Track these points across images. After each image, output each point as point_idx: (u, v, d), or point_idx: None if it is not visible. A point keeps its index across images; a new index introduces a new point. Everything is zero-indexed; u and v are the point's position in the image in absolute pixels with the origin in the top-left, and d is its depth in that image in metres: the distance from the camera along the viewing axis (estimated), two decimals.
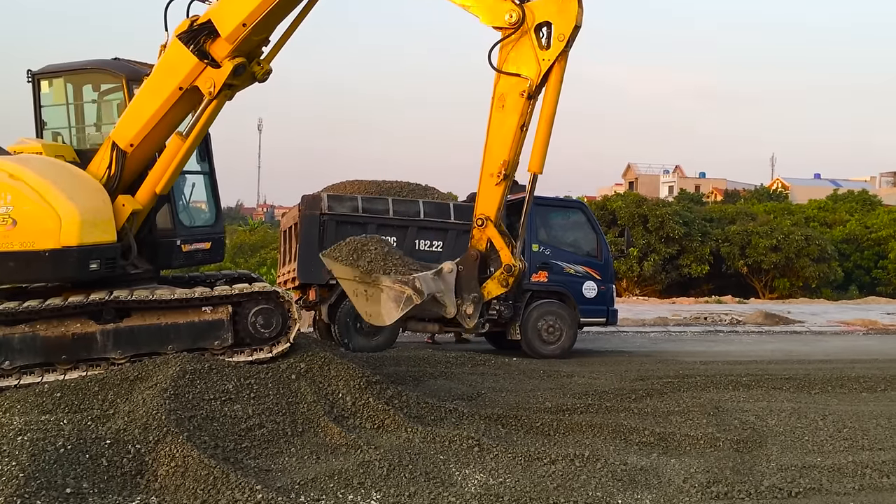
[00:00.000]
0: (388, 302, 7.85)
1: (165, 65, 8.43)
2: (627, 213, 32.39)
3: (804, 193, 58.17)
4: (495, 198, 7.75)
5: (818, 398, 9.99)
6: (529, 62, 7.24)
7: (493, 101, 7.46)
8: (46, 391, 7.53)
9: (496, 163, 7.54)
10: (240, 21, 8.05)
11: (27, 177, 8.25)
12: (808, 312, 24.43)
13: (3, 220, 8.12)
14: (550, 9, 7.16)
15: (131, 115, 8.66)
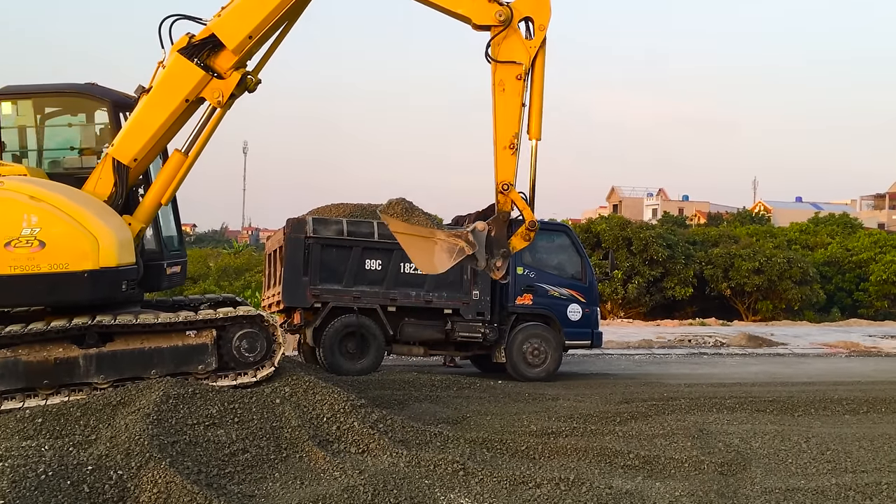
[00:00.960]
0: (441, 253, 9.22)
1: (169, 79, 8.67)
2: (612, 235, 32.55)
3: (786, 216, 58.72)
4: (512, 166, 9.12)
5: (802, 421, 10.03)
6: (520, 51, 8.71)
7: (494, 87, 8.82)
8: (28, 417, 7.45)
9: (508, 136, 8.90)
10: (246, 34, 8.66)
11: (53, 199, 8.25)
12: (791, 335, 24.58)
13: (28, 241, 8.06)
14: (529, 5, 8.70)
15: (135, 130, 8.72)
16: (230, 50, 8.70)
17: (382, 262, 12.87)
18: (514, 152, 8.97)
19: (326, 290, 12.66)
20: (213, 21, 8.74)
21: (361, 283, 12.80)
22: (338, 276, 12.72)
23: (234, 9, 8.70)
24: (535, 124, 8.95)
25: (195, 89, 8.73)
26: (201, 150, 9.05)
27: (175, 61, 8.69)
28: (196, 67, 8.70)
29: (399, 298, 12.95)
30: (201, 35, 8.71)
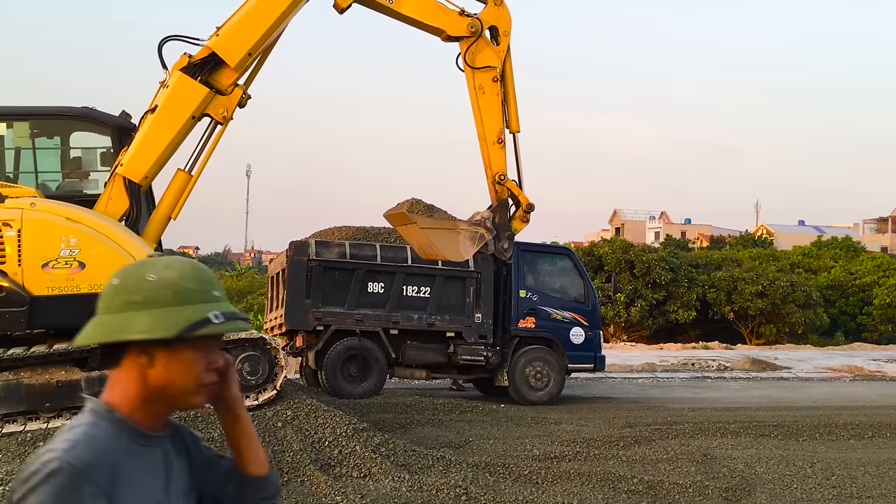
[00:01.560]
0: (465, 241, 10.22)
1: (175, 97, 8.85)
2: (614, 258, 32.52)
3: (788, 240, 58.67)
4: (502, 158, 10.24)
5: (806, 445, 9.97)
6: (492, 56, 9.89)
7: (474, 92, 9.97)
8: (29, 440, 7.44)
9: (495, 132, 10.07)
10: (246, 51, 9.02)
11: (89, 220, 8.36)
12: (795, 358, 24.48)
13: (66, 262, 8.13)
14: (494, 15, 9.90)
15: (144, 149, 8.82)
16: (231, 67, 8.98)
17: (385, 284, 12.86)
18: (502, 146, 10.11)
19: (329, 312, 12.64)
20: (211, 40, 8.98)
21: (364, 306, 12.79)
22: (340, 298, 12.71)
23: (233, 27, 8.97)
24: (514, 118, 10.14)
25: (200, 106, 8.94)
26: (204, 167, 9.22)
27: (179, 80, 8.87)
28: (200, 85, 8.92)
29: (401, 321, 12.94)
30: (201, 54, 8.96)
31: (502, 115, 10.12)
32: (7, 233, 8.10)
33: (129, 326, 1.60)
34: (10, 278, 8.08)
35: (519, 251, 13.97)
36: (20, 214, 8.15)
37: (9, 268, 8.10)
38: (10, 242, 8.10)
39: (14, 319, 8.14)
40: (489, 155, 10.15)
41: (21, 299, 8.06)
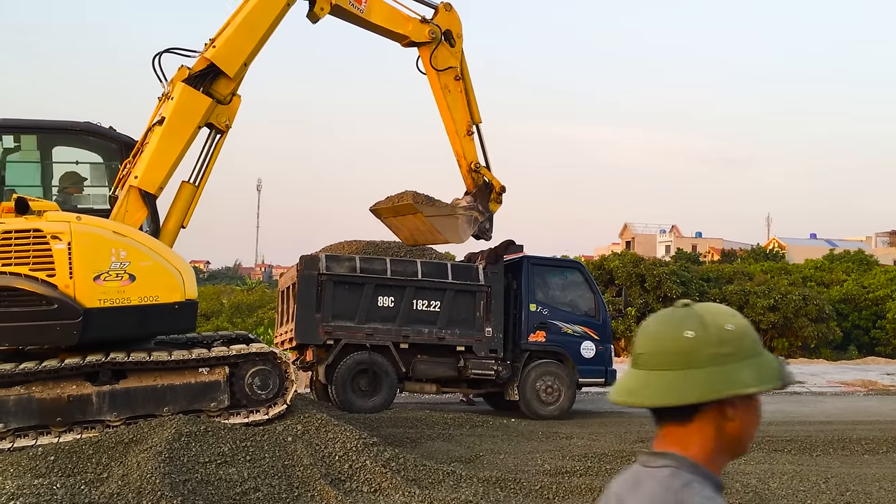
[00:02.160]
0: (463, 224, 11.56)
1: (181, 109, 9.15)
2: (625, 272, 32.44)
3: (800, 253, 58.36)
4: (474, 148, 11.69)
5: (820, 461, 9.88)
6: (451, 58, 11.22)
7: (440, 92, 11.29)
8: (40, 454, 7.45)
9: (465, 125, 11.55)
10: (243, 60, 9.48)
11: (134, 234, 8.64)
12: (808, 373, 24.29)
13: (117, 275, 8.30)
14: (448, 20, 11.21)
15: (157, 160, 9.03)
16: (230, 77, 9.37)
17: (395, 298, 12.85)
18: (472, 137, 11.56)
19: (339, 327, 12.64)
20: (208, 51, 9.31)
21: (374, 320, 12.78)
22: (350, 313, 12.70)
23: (229, 38, 9.35)
24: (476, 110, 11.63)
25: (205, 116, 9.30)
26: (209, 176, 9.55)
27: (183, 91, 9.17)
28: (203, 96, 9.28)
29: (411, 335, 12.92)
30: (200, 65, 9.31)
31: (467, 109, 11.51)
32: (56, 245, 8.21)
33: (734, 380, 1.55)
34: (60, 291, 8.18)
35: (529, 265, 13.96)
36: (68, 227, 8.29)
37: (59, 280, 8.21)
38: (59, 255, 8.21)
39: (66, 332, 8.24)
40: (462, 147, 11.60)
41: (74, 312, 8.20)
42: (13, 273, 8.16)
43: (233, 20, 9.59)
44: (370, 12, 10.54)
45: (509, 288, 13.75)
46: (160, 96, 9.51)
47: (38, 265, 8.22)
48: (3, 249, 8.18)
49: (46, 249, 8.23)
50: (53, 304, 8.17)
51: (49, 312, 8.17)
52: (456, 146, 11.81)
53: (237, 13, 9.63)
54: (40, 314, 8.18)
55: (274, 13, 9.64)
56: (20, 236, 8.22)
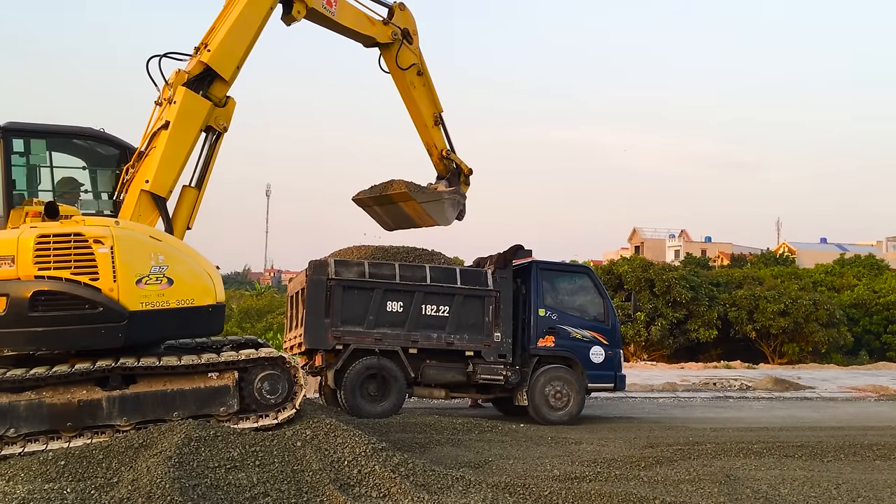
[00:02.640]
0: (448, 208, 12.73)
1: (184, 112, 9.34)
2: (634, 277, 32.40)
3: (811, 258, 58.16)
4: (442, 137, 12.78)
5: (831, 466, 9.83)
6: (412, 56, 12.09)
7: (407, 89, 12.21)
8: (51, 459, 7.46)
9: (432, 116, 12.58)
10: (237, 63, 9.79)
11: (168, 238, 8.86)
12: (819, 378, 24.20)
13: (157, 279, 8.44)
14: (404, 20, 12.00)
15: (167, 164, 9.20)
16: (226, 80, 9.68)
17: (404, 303, 12.87)
18: (439, 127, 12.62)
19: (348, 332, 12.66)
20: (203, 55, 9.54)
21: (383, 325, 12.80)
22: (359, 318, 12.72)
23: (222, 42, 9.60)
24: (437, 100, 12.55)
25: (206, 119, 9.55)
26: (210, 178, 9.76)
27: (186, 95, 9.37)
28: (204, 99, 9.52)
29: (420, 340, 12.93)
30: (196, 69, 9.51)
31: (432, 100, 12.44)
32: (99, 249, 8.28)
33: None
34: (105, 294, 8.27)
35: (538, 270, 13.96)
36: (109, 231, 8.38)
37: (103, 284, 8.28)
38: (102, 259, 8.27)
39: (111, 335, 8.35)
40: (431, 136, 12.66)
41: (119, 315, 8.31)
42: (52, 277, 8.21)
43: (221, 23, 9.82)
44: (340, 15, 11.14)
45: (518, 293, 13.74)
46: (157, 100, 9.63)
47: (80, 269, 8.27)
48: (41, 254, 8.22)
49: (89, 253, 8.29)
50: (98, 308, 8.25)
51: (94, 316, 8.24)
52: (426, 137, 12.82)
53: (225, 16, 9.87)
54: (85, 318, 8.24)
55: (261, 15, 9.99)
56: (60, 240, 8.26)
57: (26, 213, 8.48)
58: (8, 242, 8.24)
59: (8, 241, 8.26)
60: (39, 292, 8.15)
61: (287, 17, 10.60)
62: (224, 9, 9.98)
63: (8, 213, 8.76)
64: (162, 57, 9.56)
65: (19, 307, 8.10)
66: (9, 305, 8.11)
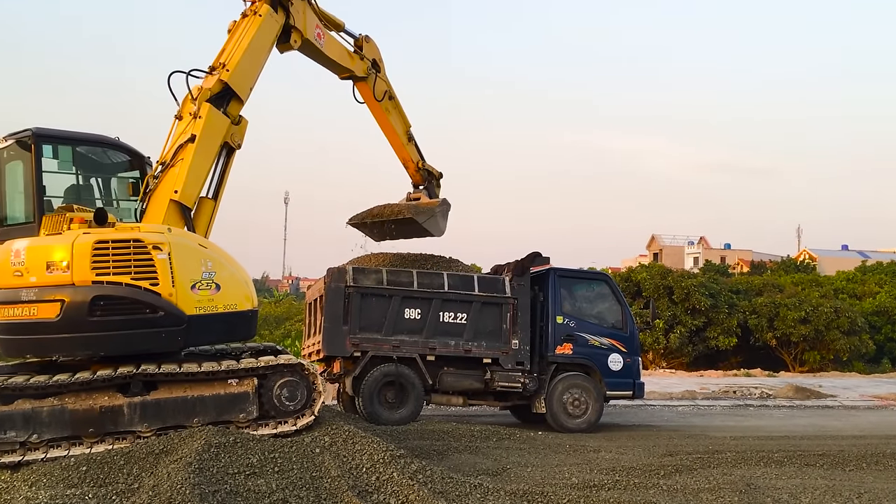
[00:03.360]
0: (440, 219, 13.72)
1: (209, 128, 9.71)
2: (652, 284, 32.21)
3: (832, 265, 57.62)
4: (416, 151, 13.86)
5: (853, 475, 9.73)
6: (383, 84, 13.06)
7: (382, 115, 13.17)
8: (73, 465, 7.55)
9: (405, 133, 13.64)
10: (252, 84, 10.30)
11: (213, 246, 9.17)
12: (840, 386, 23.95)
13: (208, 284, 8.78)
14: (370, 51, 12.85)
15: (193, 176, 9.50)
16: (241, 99, 10.15)
17: (421, 311, 12.89)
18: (412, 141, 13.68)
19: (366, 339, 12.70)
20: (222, 73, 9.96)
21: (401, 333, 12.83)
22: (377, 325, 12.76)
23: (240, 63, 10.07)
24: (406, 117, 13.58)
25: (225, 136, 9.92)
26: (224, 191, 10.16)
27: (210, 112, 9.73)
28: (224, 116, 9.91)
29: (438, 347, 12.94)
30: (216, 87, 9.88)
31: (402, 118, 13.44)
32: (158, 255, 8.53)
33: None
34: (164, 299, 8.53)
35: (556, 277, 13.95)
36: (166, 238, 8.63)
37: (163, 289, 8.55)
38: (161, 265, 8.53)
39: (171, 339, 8.65)
40: (407, 152, 13.67)
41: (179, 319, 8.60)
42: (112, 282, 8.38)
43: (234, 44, 10.29)
44: (327, 47, 11.93)
45: (536, 300, 13.73)
46: (176, 114, 9.94)
47: (140, 274, 8.48)
48: (99, 259, 8.37)
49: (149, 259, 8.51)
50: (159, 312, 8.50)
51: (155, 320, 8.49)
52: (402, 153, 13.80)
53: (238, 37, 10.34)
54: (146, 322, 8.48)
55: (271, 40, 10.65)
56: (119, 246, 8.43)
57: (70, 220, 8.58)
58: (61, 248, 8.36)
59: (61, 246, 8.37)
60: (99, 297, 8.32)
61: (283, 45, 11.21)
62: (232, 34, 10.49)
63: (40, 219, 8.87)
64: (188, 74, 9.88)
65: (76, 312, 8.25)
66: (64, 311, 8.25)
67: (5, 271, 8.70)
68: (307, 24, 11.37)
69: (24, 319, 8.46)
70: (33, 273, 8.41)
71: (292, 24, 11.02)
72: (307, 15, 11.40)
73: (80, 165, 9.61)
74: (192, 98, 9.84)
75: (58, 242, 8.41)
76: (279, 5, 10.80)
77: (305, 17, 11.32)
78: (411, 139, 13.78)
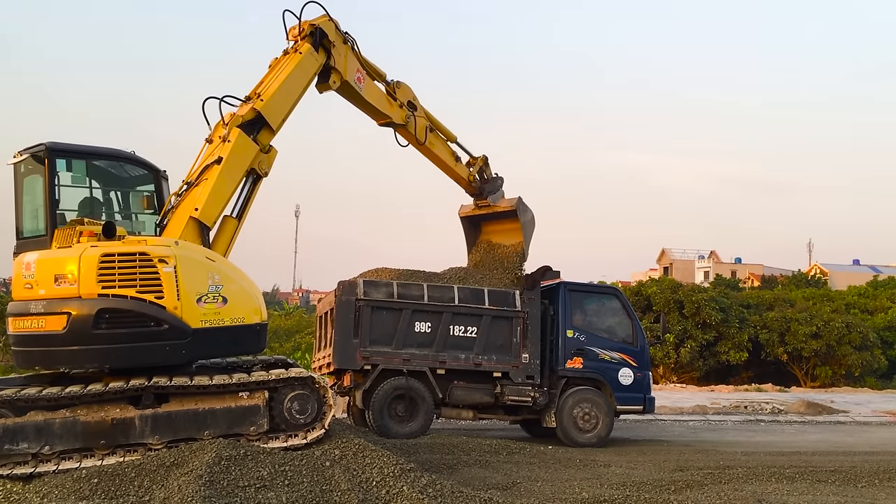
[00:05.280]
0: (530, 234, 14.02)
1: (236, 152, 9.85)
2: (663, 298, 32.11)
3: (843, 279, 57.38)
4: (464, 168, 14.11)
5: (865, 492, 9.66)
6: (423, 121, 13.15)
7: (427, 151, 13.42)
8: (84, 477, 7.59)
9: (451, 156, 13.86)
10: (283, 117, 10.44)
11: (221, 259, 9.27)
12: (852, 402, 23.80)
13: (214, 297, 8.83)
14: (404, 95, 12.92)
15: (216, 196, 9.61)
16: (273, 129, 10.29)
17: (432, 324, 12.90)
18: (459, 161, 13.89)
19: (376, 352, 12.71)
20: (256, 103, 10.16)
21: (411, 346, 12.84)
22: (388, 338, 12.78)
23: (276, 95, 10.30)
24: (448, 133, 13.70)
25: (252, 162, 10.03)
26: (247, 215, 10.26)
27: (239, 137, 9.87)
28: (253, 143, 10.04)
29: (448, 361, 12.94)
30: (250, 115, 10.08)
31: (446, 143, 13.63)
32: (164, 269, 8.60)
33: None
34: (169, 312, 8.59)
35: (566, 291, 13.94)
36: (172, 251, 8.69)
37: (168, 302, 8.62)
38: (167, 278, 8.61)
39: (175, 351, 8.69)
40: (456, 173, 13.90)
41: (183, 332, 8.65)
42: (117, 295, 8.45)
43: (271, 79, 10.54)
44: (367, 92, 12.15)
45: (546, 314, 13.72)
46: (207, 137, 10.14)
47: (145, 287, 8.55)
48: (105, 272, 8.45)
49: (154, 272, 8.58)
50: (164, 325, 8.56)
51: (159, 333, 8.56)
52: (453, 175, 13.92)
53: (277, 71, 10.62)
54: (151, 335, 8.55)
55: (308, 78, 10.83)
56: (125, 259, 8.51)
57: (80, 233, 8.66)
58: (68, 261, 8.46)
59: (68, 259, 8.47)
60: (104, 310, 8.40)
61: (322, 84, 11.43)
62: (272, 68, 10.77)
63: (52, 232, 8.94)
64: (221, 100, 10.03)
65: (82, 325, 8.32)
66: (70, 323, 8.32)
67: (18, 284, 8.81)
68: (348, 68, 11.60)
69: (33, 331, 8.55)
70: (42, 286, 8.51)
71: (332, 65, 11.26)
72: (348, 59, 11.64)
73: (95, 179, 9.67)
74: (223, 123, 9.99)
75: (66, 255, 8.49)
76: (321, 46, 11.03)
77: (346, 60, 11.56)
78: (459, 159, 13.92)
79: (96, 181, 9.72)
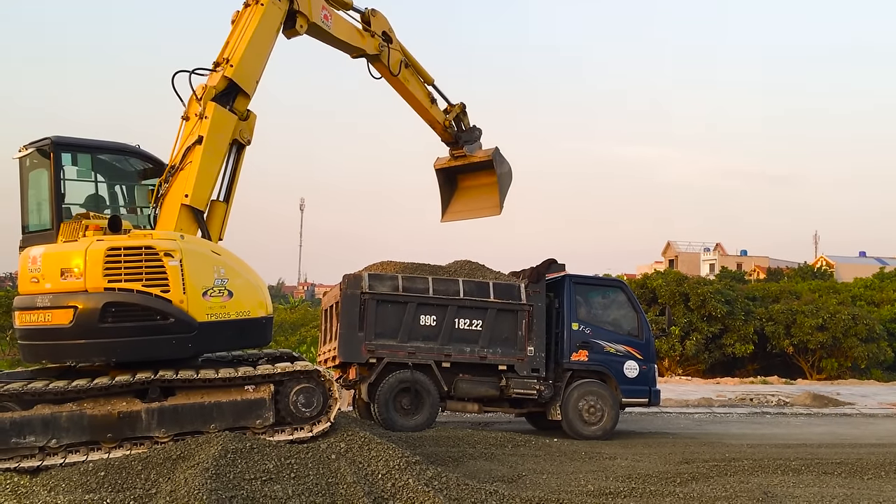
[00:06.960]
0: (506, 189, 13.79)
1: (216, 127, 9.53)
2: (668, 291, 32.07)
3: (849, 272, 57.17)
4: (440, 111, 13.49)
5: (871, 484, 9.65)
6: (397, 54, 12.49)
7: (401, 86, 12.77)
8: (91, 470, 7.61)
9: (427, 96, 13.23)
10: (258, 78, 10.03)
11: (226, 253, 9.19)
12: (858, 394, 23.76)
13: (220, 291, 8.82)
14: (378, 25, 12.21)
15: (203, 178, 9.41)
16: (248, 94, 9.92)
17: (437, 317, 12.90)
18: (435, 103, 13.33)
19: (382, 345, 12.72)
20: (226, 70, 9.74)
21: (416, 339, 12.84)
22: (393, 331, 12.79)
23: (244, 57, 9.83)
24: (425, 74, 13.11)
25: (233, 133, 9.76)
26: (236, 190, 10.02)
27: (216, 111, 9.56)
28: (231, 114, 9.71)
29: (453, 354, 12.94)
30: (221, 84, 9.68)
31: (422, 81, 13.05)
32: (170, 262, 8.59)
33: None
34: (175, 306, 8.59)
35: (571, 284, 13.93)
36: (178, 245, 8.69)
37: (174, 296, 8.60)
38: (172, 272, 8.58)
39: (181, 345, 8.69)
40: (431, 115, 13.30)
41: (189, 326, 8.65)
42: (123, 289, 8.45)
43: (236, 39, 10.01)
44: (336, 28, 11.59)
45: (551, 307, 13.71)
46: (183, 115, 9.79)
47: (151, 281, 8.55)
48: (111, 266, 8.45)
49: (160, 266, 8.57)
50: (170, 319, 8.56)
51: (165, 326, 8.55)
52: (427, 117, 13.40)
53: (241, 28, 10.06)
54: (157, 328, 8.54)
55: (274, 30, 10.28)
56: (130, 253, 8.51)
57: (86, 227, 8.67)
58: (74, 255, 8.46)
59: (74, 253, 8.48)
60: (110, 304, 8.40)
61: (290, 31, 10.87)
62: (235, 25, 10.21)
63: (58, 226, 8.96)
64: (191, 73, 9.63)
65: (88, 319, 8.33)
66: (76, 317, 8.34)
67: (24, 278, 8.83)
68: (312, 7, 10.93)
69: (39, 325, 8.56)
70: (48, 280, 8.52)
71: (297, 8, 10.61)
72: None
73: (100, 173, 9.67)
74: (196, 98, 9.65)
75: (72, 249, 8.51)
76: None
77: (310, 1, 10.87)
78: (434, 101, 13.36)
79: (102, 175, 9.71)
